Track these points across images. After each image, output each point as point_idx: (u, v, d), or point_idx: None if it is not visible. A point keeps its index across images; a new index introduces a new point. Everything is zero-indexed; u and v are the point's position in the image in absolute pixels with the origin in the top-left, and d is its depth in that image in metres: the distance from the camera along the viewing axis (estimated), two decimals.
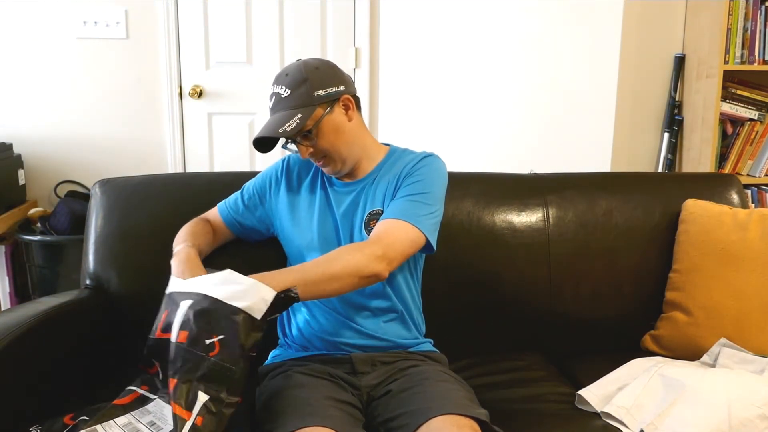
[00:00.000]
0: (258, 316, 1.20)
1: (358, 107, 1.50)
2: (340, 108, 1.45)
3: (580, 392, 1.52)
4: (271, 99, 1.44)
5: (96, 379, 1.58)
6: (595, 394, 1.51)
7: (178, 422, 1.13)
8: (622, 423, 1.42)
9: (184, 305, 1.24)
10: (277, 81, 1.43)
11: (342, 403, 1.32)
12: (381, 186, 1.50)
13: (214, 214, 1.62)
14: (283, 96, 1.41)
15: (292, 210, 1.55)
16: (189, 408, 1.14)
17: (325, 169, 1.50)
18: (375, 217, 1.47)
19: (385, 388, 1.40)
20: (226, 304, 1.20)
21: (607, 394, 1.51)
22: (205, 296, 1.22)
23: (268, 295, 1.21)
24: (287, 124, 1.37)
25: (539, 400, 1.54)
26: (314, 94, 1.40)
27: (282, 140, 1.47)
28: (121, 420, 1.25)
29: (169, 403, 1.22)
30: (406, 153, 1.56)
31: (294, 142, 1.44)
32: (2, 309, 2.81)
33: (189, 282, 1.29)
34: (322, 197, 1.53)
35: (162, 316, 1.31)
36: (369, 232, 1.46)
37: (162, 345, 1.28)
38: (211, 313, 1.20)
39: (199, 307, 1.22)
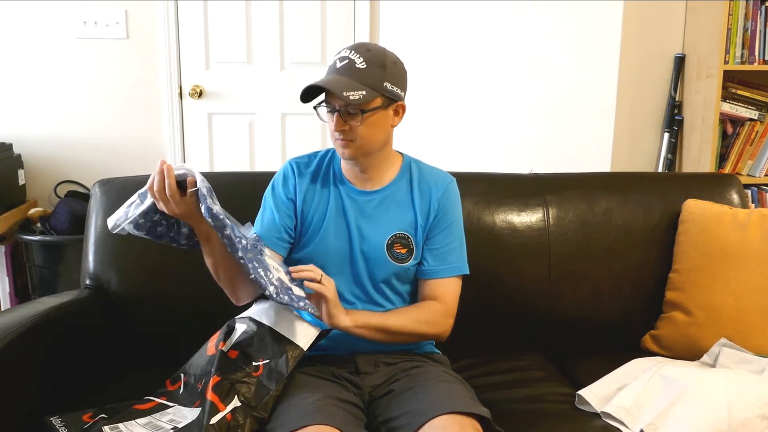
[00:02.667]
0: (305, 348, 1.34)
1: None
2: (393, 109, 1.44)
3: (580, 392, 1.52)
4: (341, 60, 1.39)
5: (96, 378, 1.58)
6: (595, 394, 1.51)
7: (211, 408, 1.23)
8: (622, 423, 1.43)
9: (240, 328, 1.38)
10: (357, 50, 1.40)
11: (344, 403, 1.32)
12: (407, 216, 1.48)
13: None
14: (357, 65, 1.38)
15: (303, 213, 1.49)
16: (225, 403, 1.25)
17: (342, 149, 1.42)
18: (400, 240, 1.47)
19: (387, 388, 1.40)
20: (281, 335, 1.34)
21: (607, 394, 1.51)
22: (261, 324, 1.37)
23: (312, 332, 1.37)
24: (351, 92, 1.35)
25: (539, 400, 1.54)
26: (384, 83, 1.39)
27: (319, 100, 1.42)
28: (142, 420, 1.31)
29: (190, 406, 1.32)
30: (425, 170, 1.54)
31: (335, 111, 1.39)
32: (2, 309, 2.81)
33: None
34: (336, 200, 1.48)
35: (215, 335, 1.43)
36: (392, 255, 1.46)
37: (206, 356, 1.39)
38: (264, 340, 1.34)
39: (252, 333, 1.36)
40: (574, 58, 2.96)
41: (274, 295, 1.26)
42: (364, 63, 1.38)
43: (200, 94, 3.02)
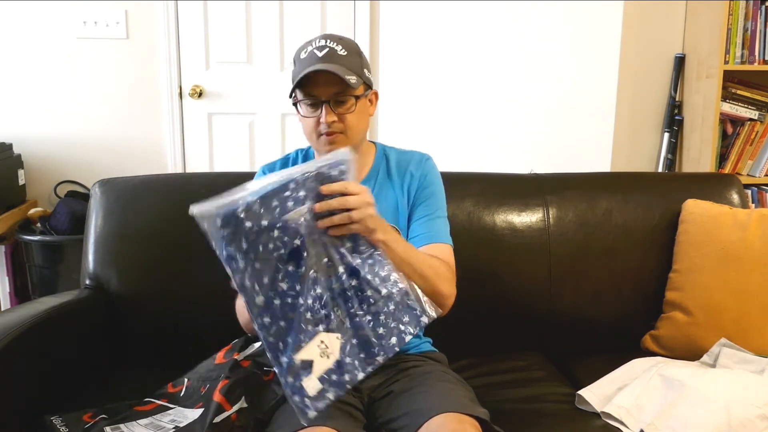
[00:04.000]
0: None
1: None
2: (369, 98, 1.45)
3: (580, 392, 1.52)
4: (320, 50, 1.36)
5: (96, 378, 1.58)
6: (595, 394, 1.51)
7: (216, 408, 1.24)
8: (622, 423, 1.42)
9: (257, 344, 1.38)
10: (330, 39, 1.38)
11: (343, 404, 1.32)
12: (388, 198, 1.46)
13: None
14: (339, 53, 1.36)
15: None
16: (231, 404, 1.27)
17: (329, 146, 1.39)
18: None
19: (386, 390, 1.40)
20: None
21: (607, 394, 1.51)
22: None
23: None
24: (349, 76, 1.33)
25: (539, 400, 1.54)
26: (364, 71, 1.40)
27: (297, 96, 1.39)
28: (143, 420, 1.32)
29: (191, 407, 1.33)
30: (399, 155, 1.53)
31: (323, 102, 1.36)
32: (2, 309, 2.81)
33: None
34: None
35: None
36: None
37: (213, 365, 1.40)
38: None
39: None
40: (574, 58, 2.96)
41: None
42: (344, 50, 1.37)
43: (200, 94, 3.02)
